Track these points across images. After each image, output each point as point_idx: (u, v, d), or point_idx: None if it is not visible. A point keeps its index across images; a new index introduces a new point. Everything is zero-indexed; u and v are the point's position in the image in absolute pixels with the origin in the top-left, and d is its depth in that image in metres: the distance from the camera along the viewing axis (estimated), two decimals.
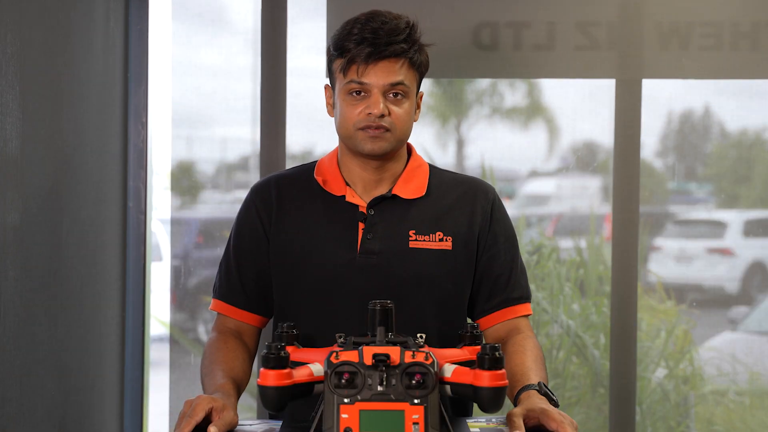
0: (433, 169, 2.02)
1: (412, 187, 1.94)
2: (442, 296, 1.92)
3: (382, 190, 1.94)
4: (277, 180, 1.99)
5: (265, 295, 1.96)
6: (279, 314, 1.95)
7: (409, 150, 2.01)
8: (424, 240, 1.91)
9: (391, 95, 1.85)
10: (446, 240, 1.92)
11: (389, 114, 1.84)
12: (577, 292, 3.25)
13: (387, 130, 1.85)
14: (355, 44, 1.83)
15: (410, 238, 1.90)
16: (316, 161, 2.01)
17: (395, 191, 1.93)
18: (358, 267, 1.88)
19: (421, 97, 1.97)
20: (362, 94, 1.85)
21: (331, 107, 1.93)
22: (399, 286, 1.88)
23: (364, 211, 1.91)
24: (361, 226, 1.90)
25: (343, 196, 1.92)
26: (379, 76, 1.83)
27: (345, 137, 1.89)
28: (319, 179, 1.95)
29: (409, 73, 1.86)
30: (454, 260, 1.92)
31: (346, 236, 1.90)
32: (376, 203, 1.92)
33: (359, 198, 1.92)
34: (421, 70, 1.90)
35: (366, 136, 1.85)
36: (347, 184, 1.94)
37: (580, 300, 3.24)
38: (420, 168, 1.99)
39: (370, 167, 1.92)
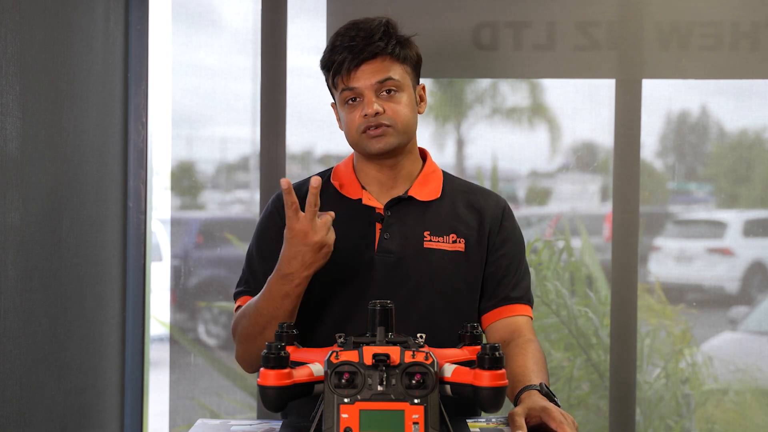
0: (446, 175, 2.08)
1: (427, 190, 2.00)
2: (455, 296, 1.96)
3: (398, 192, 2.00)
4: (297, 187, 2.03)
5: None
6: (301, 317, 1.97)
7: (425, 156, 2.07)
8: (438, 241, 1.96)
9: (384, 93, 1.90)
10: (459, 242, 1.97)
11: (385, 111, 1.89)
12: (577, 293, 3.25)
13: (388, 126, 1.89)
14: (338, 54, 1.90)
15: (425, 239, 1.96)
16: (332, 168, 2.08)
17: (411, 193, 1.99)
18: (376, 266, 1.93)
19: (424, 89, 2.02)
20: (357, 100, 1.91)
21: (340, 122, 2.00)
22: (414, 285, 1.93)
23: (381, 212, 1.97)
24: (378, 226, 1.96)
25: (360, 200, 1.98)
26: (365, 77, 1.89)
27: (353, 144, 1.96)
28: (336, 184, 2.02)
29: (396, 68, 1.91)
30: (466, 262, 1.97)
31: (364, 237, 1.95)
32: (392, 204, 1.98)
33: (375, 200, 1.98)
34: (411, 62, 1.95)
35: (370, 138, 1.90)
36: (363, 188, 1.99)
37: (579, 301, 3.23)
38: (434, 173, 2.05)
39: (385, 168, 1.98)
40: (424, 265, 1.94)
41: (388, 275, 1.93)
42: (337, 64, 1.89)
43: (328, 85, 1.98)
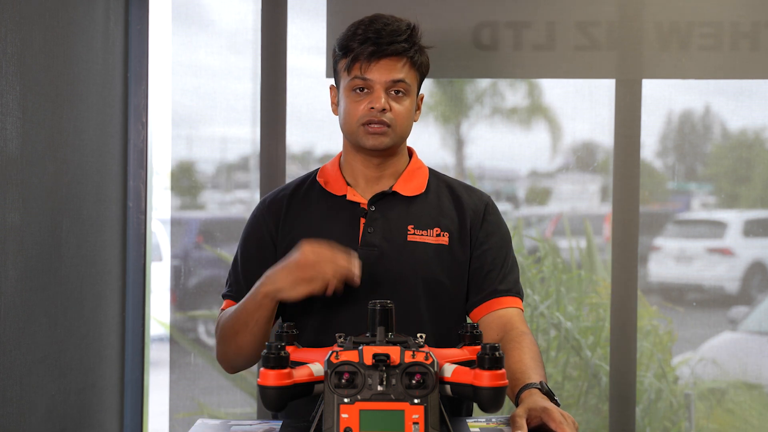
0: (432, 171, 2.09)
1: (412, 186, 2.02)
2: (439, 290, 1.97)
3: (383, 187, 2.01)
4: (283, 190, 2.08)
5: None
6: (286, 312, 1.99)
7: (411, 153, 2.09)
8: (422, 234, 1.97)
9: (392, 92, 1.92)
10: (443, 235, 1.98)
11: (390, 110, 1.91)
12: (577, 293, 3.24)
13: (388, 126, 1.91)
14: (359, 43, 1.91)
15: (408, 233, 1.97)
16: (319, 168, 2.09)
17: (396, 188, 2.00)
18: (359, 260, 1.92)
19: (422, 99, 2.05)
20: (365, 90, 1.92)
21: (335, 106, 2.01)
22: (398, 279, 1.94)
23: (365, 207, 1.98)
24: (362, 221, 1.97)
25: (344, 196, 1.99)
26: (381, 72, 1.90)
27: (348, 132, 1.96)
28: (321, 181, 2.03)
29: (410, 73, 1.93)
30: (450, 255, 1.97)
31: (348, 231, 1.96)
32: (376, 200, 1.99)
33: (360, 196, 1.99)
34: (421, 71, 1.98)
35: (367, 132, 1.92)
36: (348, 185, 2.01)
37: (579, 300, 3.23)
38: (420, 170, 2.06)
39: (372, 164, 1.99)
40: (407, 259, 1.94)
41: (371, 269, 1.92)
42: (358, 51, 1.90)
43: (335, 68, 1.98)
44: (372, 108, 1.90)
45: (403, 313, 1.87)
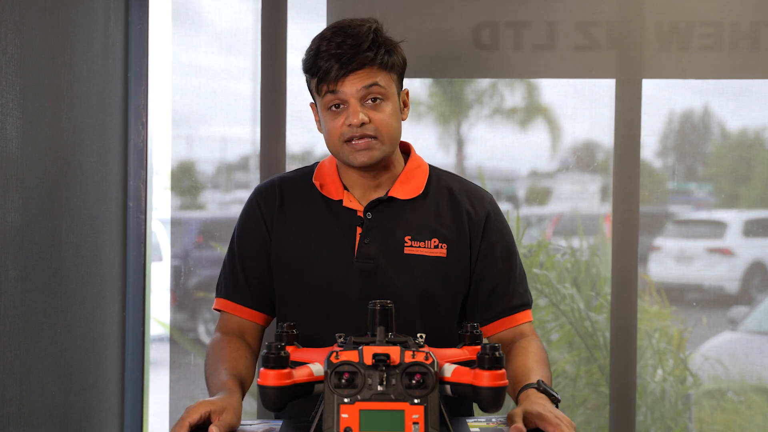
0: (433, 170, 2.01)
1: (408, 188, 1.94)
2: (434, 303, 1.92)
3: (380, 193, 1.94)
4: (280, 181, 2.01)
5: (269, 292, 1.97)
6: (279, 317, 1.97)
7: (408, 150, 2.01)
8: (420, 246, 1.91)
9: (369, 101, 1.84)
10: (441, 247, 1.91)
11: (370, 121, 1.83)
12: (577, 293, 3.24)
13: (373, 137, 1.84)
14: (324, 62, 1.83)
15: (405, 244, 1.91)
16: (317, 163, 2.02)
17: (392, 193, 1.93)
18: (355, 272, 1.89)
19: (407, 94, 1.96)
20: (340, 106, 1.85)
21: (319, 124, 1.94)
22: (394, 291, 1.88)
23: (361, 215, 1.92)
24: (358, 230, 1.91)
25: (341, 201, 1.93)
26: (352, 84, 1.83)
27: (335, 153, 1.90)
28: (317, 183, 1.96)
29: (383, 75, 1.85)
30: (447, 268, 1.92)
31: (344, 241, 1.91)
32: (373, 206, 1.92)
33: (357, 202, 1.93)
34: (397, 70, 1.89)
35: (353, 150, 1.85)
36: (345, 188, 1.94)
37: (579, 301, 3.23)
38: (419, 168, 1.99)
39: (368, 174, 1.93)
40: (404, 272, 1.89)
41: (367, 281, 1.88)
42: (323, 72, 1.83)
43: (309, 87, 1.92)
44: (350, 125, 1.83)
45: (399, 324, 1.82)
